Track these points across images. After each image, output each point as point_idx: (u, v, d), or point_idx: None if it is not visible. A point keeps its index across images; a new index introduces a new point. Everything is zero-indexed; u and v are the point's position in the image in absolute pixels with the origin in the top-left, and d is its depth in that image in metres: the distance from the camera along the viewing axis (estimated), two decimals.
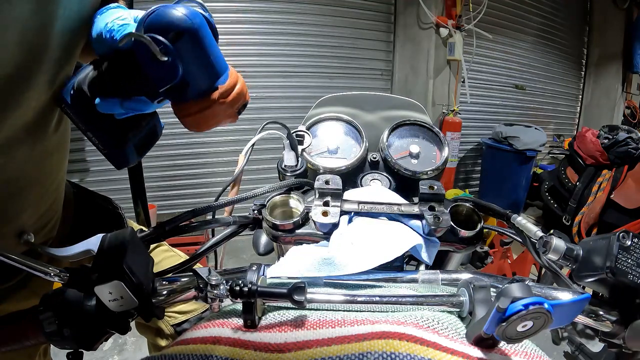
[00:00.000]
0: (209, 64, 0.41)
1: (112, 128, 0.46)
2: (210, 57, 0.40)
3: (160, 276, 0.39)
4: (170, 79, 0.39)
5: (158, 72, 0.39)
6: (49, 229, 0.58)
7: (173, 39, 0.37)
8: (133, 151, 0.49)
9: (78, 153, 2.49)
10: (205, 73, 0.41)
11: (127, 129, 0.47)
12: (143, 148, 0.51)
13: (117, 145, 0.47)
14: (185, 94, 0.42)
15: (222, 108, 0.46)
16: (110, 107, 0.42)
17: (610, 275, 0.37)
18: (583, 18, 4.08)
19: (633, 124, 4.12)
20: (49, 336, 0.32)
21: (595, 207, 2.20)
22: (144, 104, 0.43)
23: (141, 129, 0.49)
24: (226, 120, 0.48)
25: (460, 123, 2.96)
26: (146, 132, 0.50)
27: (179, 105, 0.45)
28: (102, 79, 0.43)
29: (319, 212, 0.50)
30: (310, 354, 0.29)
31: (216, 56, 0.41)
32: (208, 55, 0.40)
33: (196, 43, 0.39)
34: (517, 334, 0.29)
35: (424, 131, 0.73)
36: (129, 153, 0.49)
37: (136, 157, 0.50)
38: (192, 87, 0.41)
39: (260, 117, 2.74)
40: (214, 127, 0.48)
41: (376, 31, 2.98)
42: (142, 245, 0.37)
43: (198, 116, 0.45)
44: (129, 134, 0.48)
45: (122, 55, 0.41)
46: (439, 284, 0.44)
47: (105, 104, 0.42)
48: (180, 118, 0.46)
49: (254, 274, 0.37)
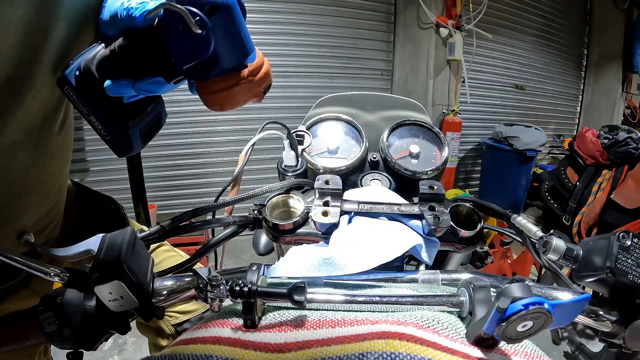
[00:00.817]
0: (240, 41, 0.39)
1: (117, 112, 0.44)
2: (242, 33, 0.39)
3: (160, 276, 0.39)
4: (202, 54, 0.37)
5: (188, 47, 0.37)
6: (50, 229, 0.58)
7: (208, 12, 0.36)
8: (138, 137, 0.47)
9: (78, 153, 2.49)
10: (237, 50, 0.40)
11: (133, 113, 0.45)
12: (147, 135, 0.49)
13: (122, 130, 0.45)
14: (212, 70, 0.40)
15: (250, 86, 0.44)
16: (122, 90, 0.40)
17: (610, 275, 0.37)
18: (583, 18, 4.08)
19: (633, 124, 4.12)
20: (49, 336, 0.32)
21: (595, 207, 2.20)
22: (159, 85, 0.41)
23: (147, 114, 0.47)
24: (253, 99, 0.46)
25: (460, 123, 2.96)
26: (151, 117, 0.48)
27: (203, 82, 0.43)
28: (114, 59, 0.40)
29: (319, 212, 0.50)
30: (310, 354, 0.29)
31: (246, 34, 0.40)
32: (240, 31, 0.39)
33: (230, 18, 0.37)
34: (517, 334, 0.29)
35: (424, 131, 0.73)
36: (134, 139, 0.47)
37: (140, 144, 0.48)
38: (222, 64, 0.40)
39: (260, 117, 2.74)
40: (239, 107, 0.47)
41: (376, 31, 2.98)
42: (142, 245, 0.37)
43: (225, 93, 0.43)
44: (134, 118, 0.46)
45: (141, 32, 0.39)
46: (439, 284, 0.44)
47: (116, 86, 0.40)
48: (204, 95, 0.44)
49: (254, 274, 0.37)
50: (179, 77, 0.41)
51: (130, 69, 0.40)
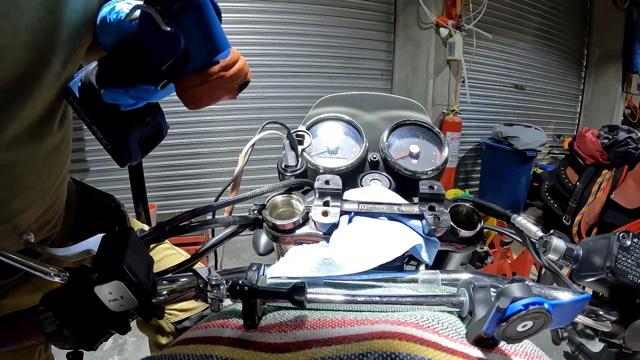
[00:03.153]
0: (210, 38, 0.41)
1: (117, 122, 0.47)
2: (212, 31, 0.41)
3: (160, 276, 0.39)
4: (174, 51, 0.39)
5: (163, 46, 0.39)
6: (50, 227, 0.58)
7: (177, 10, 0.38)
8: (137, 147, 0.50)
9: (78, 153, 2.49)
10: (207, 46, 0.42)
11: (131, 123, 0.48)
12: (147, 145, 0.52)
13: (121, 140, 0.48)
14: (185, 67, 0.42)
15: (222, 82, 0.46)
16: (116, 97, 0.44)
17: (610, 275, 0.37)
18: (583, 18, 4.08)
19: (633, 124, 4.12)
20: (49, 336, 0.32)
21: (595, 207, 2.20)
22: (149, 93, 0.44)
23: (145, 124, 0.50)
24: (226, 95, 0.48)
25: (460, 123, 2.96)
26: (150, 128, 0.51)
27: (179, 81, 0.45)
28: (106, 68, 0.44)
29: (319, 212, 0.50)
30: (310, 354, 0.29)
31: (218, 32, 0.42)
32: (210, 29, 0.41)
33: (200, 16, 0.39)
34: (517, 334, 0.29)
35: (424, 131, 0.73)
36: (132, 149, 0.49)
37: (140, 153, 0.50)
38: (193, 60, 0.42)
39: (260, 117, 2.74)
40: (214, 103, 0.48)
41: (376, 31, 2.98)
42: (142, 245, 0.37)
43: (199, 89, 0.45)
44: (133, 128, 0.48)
45: (127, 42, 0.42)
46: (439, 284, 0.43)
47: (111, 94, 0.44)
48: (180, 94, 0.46)
49: (254, 274, 0.37)
50: (163, 79, 0.43)
51: (120, 77, 0.43)
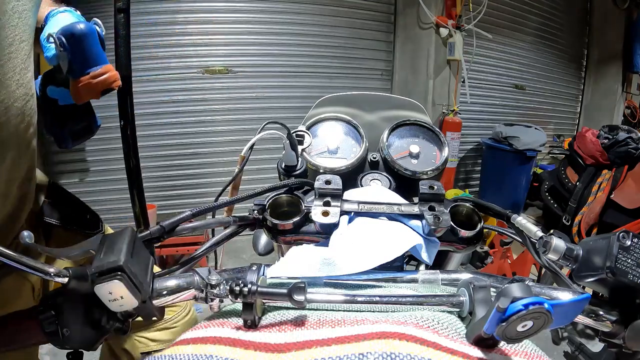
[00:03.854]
0: (84, 57, 0.61)
1: (57, 116, 0.68)
2: (87, 53, 0.60)
3: (160, 276, 0.39)
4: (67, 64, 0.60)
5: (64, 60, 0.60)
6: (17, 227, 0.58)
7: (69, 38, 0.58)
8: (69, 137, 0.70)
9: (78, 153, 2.50)
10: (82, 62, 0.61)
11: (66, 118, 0.69)
12: (76, 136, 0.71)
13: (57, 128, 0.68)
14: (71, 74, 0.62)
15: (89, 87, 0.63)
16: (53, 92, 0.65)
17: (610, 275, 0.37)
18: (583, 18, 4.08)
19: (633, 124, 4.12)
20: (49, 336, 0.32)
21: (595, 207, 2.20)
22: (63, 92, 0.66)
23: (77, 121, 0.70)
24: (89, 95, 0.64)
25: (460, 123, 2.96)
26: (81, 125, 0.71)
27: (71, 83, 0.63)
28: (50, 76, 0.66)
29: (319, 212, 0.50)
30: (310, 354, 0.29)
31: (95, 54, 0.62)
32: (86, 51, 0.60)
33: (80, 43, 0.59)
34: (517, 334, 0.29)
35: (424, 131, 0.73)
36: (66, 137, 0.69)
37: (71, 142, 0.70)
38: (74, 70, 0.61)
39: (260, 117, 2.75)
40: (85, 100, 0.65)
41: (376, 31, 2.99)
42: (142, 245, 0.37)
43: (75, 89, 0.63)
44: (67, 122, 0.69)
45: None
46: (439, 284, 0.43)
47: (50, 90, 0.66)
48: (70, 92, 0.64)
49: (254, 274, 0.37)
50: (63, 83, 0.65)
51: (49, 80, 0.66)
